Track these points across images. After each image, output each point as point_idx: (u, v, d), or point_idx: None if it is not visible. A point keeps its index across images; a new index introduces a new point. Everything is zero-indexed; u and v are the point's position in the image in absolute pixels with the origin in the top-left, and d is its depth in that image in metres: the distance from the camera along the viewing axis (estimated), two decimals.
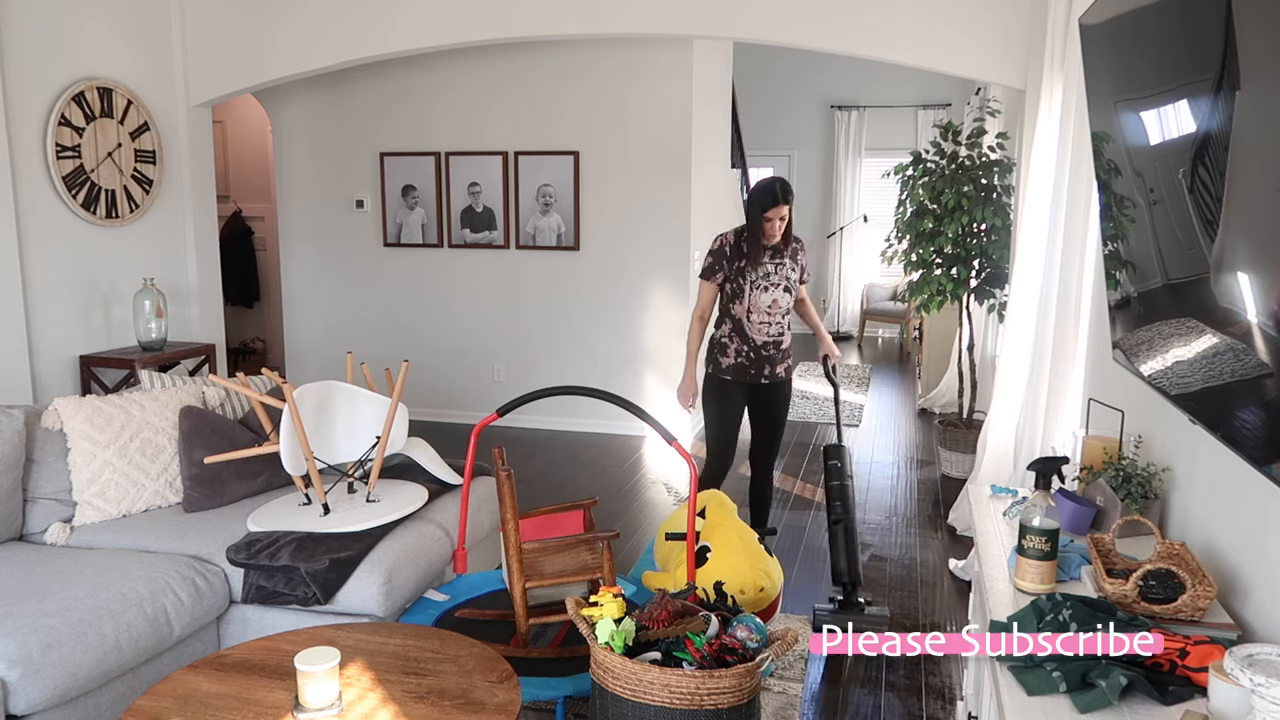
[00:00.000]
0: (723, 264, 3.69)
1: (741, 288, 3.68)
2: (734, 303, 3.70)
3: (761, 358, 3.73)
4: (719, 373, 3.76)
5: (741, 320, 3.70)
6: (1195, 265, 1.78)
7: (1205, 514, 2.08)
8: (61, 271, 4.32)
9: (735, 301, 3.70)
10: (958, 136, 5.12)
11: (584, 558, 2.79)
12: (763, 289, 3.68)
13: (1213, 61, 1.62)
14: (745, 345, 3.71)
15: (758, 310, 3.68)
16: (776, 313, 3.71)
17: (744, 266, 3.66)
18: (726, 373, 3.75)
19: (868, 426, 6.77)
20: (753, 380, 3.74)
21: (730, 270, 3.68)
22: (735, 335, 3.71)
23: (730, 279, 3.69)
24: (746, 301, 3.68)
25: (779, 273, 3.69)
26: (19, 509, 3.05)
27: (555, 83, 6.12)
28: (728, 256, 3.68)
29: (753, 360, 3.72)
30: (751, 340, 3.70)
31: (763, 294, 3.68)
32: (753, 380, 3.74)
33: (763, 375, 3.75)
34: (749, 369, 3.73)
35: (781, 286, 3.71)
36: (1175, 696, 1.53)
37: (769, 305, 3.69)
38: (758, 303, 3.68)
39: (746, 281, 3.67)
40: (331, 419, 3.22)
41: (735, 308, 3.70)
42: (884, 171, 5.95)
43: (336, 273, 6.74)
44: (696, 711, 2.06)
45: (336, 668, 1.97)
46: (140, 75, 4.72)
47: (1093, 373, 3.31)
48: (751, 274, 3.67)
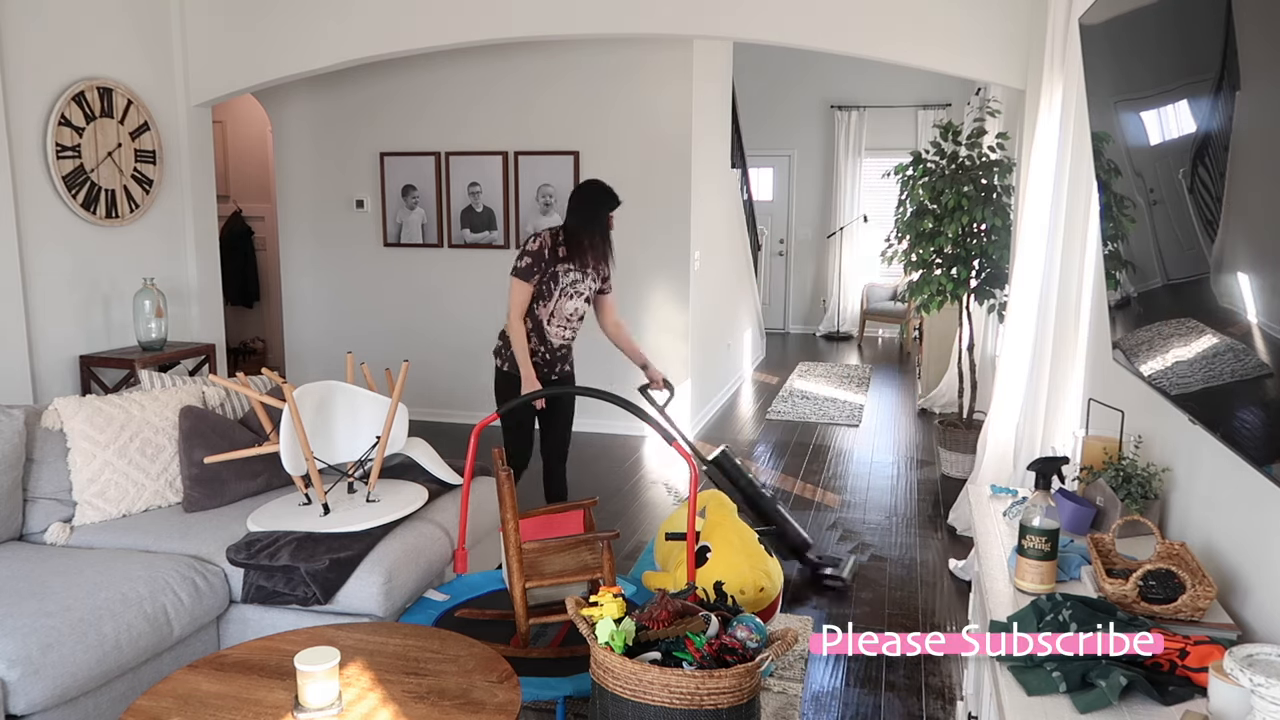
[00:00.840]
0: (541, 265, 3.69)
1: (551, 291, 3.71)
2: (538, 304, 3.72)
3: (555, 358, 3.85)
4: (514, 369, 3.77)
5: (543, 322, 3.75)
6: (1195, 265, 1.78)
7: (1205, 514, 2.08)
8: (61, 271, 4.32)
9: (540, 303, 3.72)
10: (958, 136, 5.12)
11: (584, 558, 2.79)
12: (569, 296, 3.75)
13: (1213, 61, 1.62)
14: (543, 346, 3.79)
15: (559, 316, 3.76)
16: (575, 318, 3.82)
17: (557, 270, 3.69)
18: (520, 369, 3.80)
19: (868, 426, 6.77)
20: (544, 378, 3.80)
21: (545, 273, 3.69)
22: (534, 335, 3.76)
23: (544, 281, 3.70)
24: (552, 305, 3.73)
25: (585, 281, 3.77)
26: (19, 509, 3.05)
27: (555, 83, 6.13)
28: (546, 259, 3.69)
29: (547, 360, 3.82)
30: (550, 342, 3.79)
31: (569, 301, 3.75)
32: (544, 378, 3.80)
33: (554, 373, 3.85)
34: (542, 367, 3.80)
35: (584, 296, 3.80)
36: (1175, 696, 1.53)
37: (571, 313, 3.79)
38: (561, 309, 3.75)
39: (557, 287, 3.71)
40: (331, 419, 3.22)
41: (539, 309, 3.72)
42: (884, 171, 5.95)
43: (336, 273, 6.74)
44: (696, 711, 2.06)
45: (336, 668, 1.97)
46: (140, 75, 4.72)
47: (1093, 373, 3.31)
48: (564, 279, 3.71)
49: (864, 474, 5.60)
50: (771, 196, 11.07)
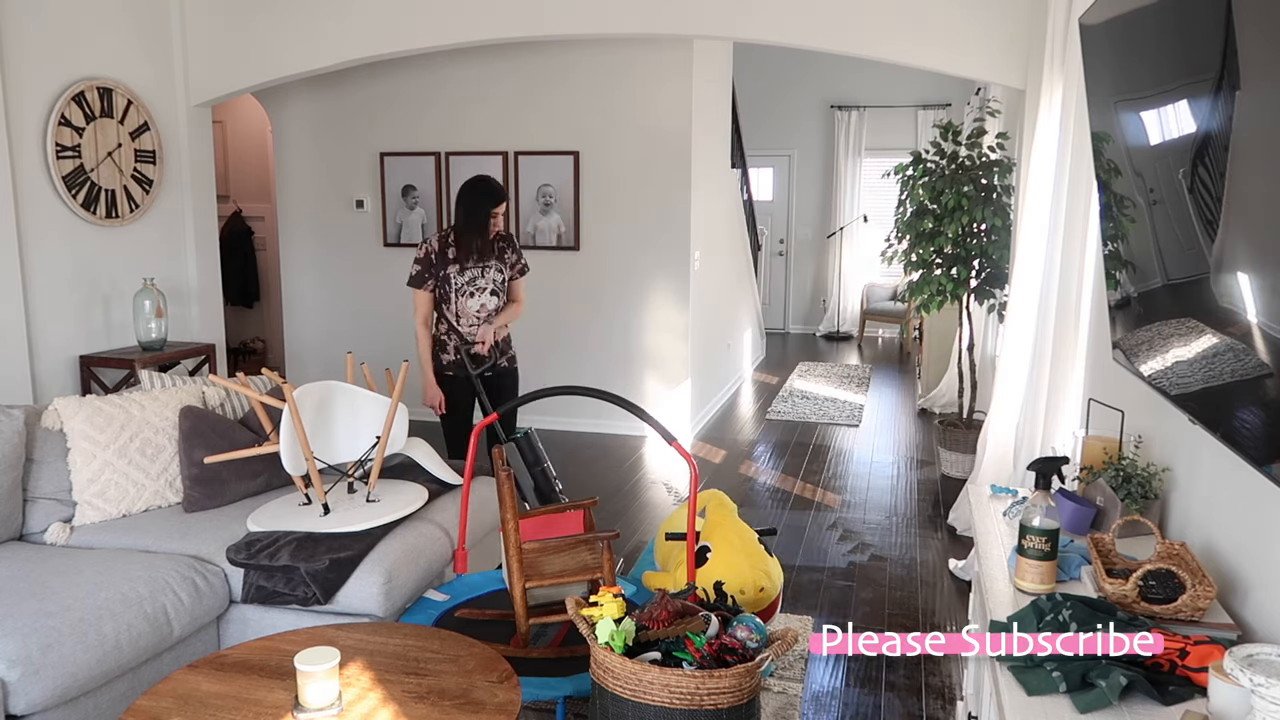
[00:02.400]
0: (431, 271, 3.83)
1: (448, 294, 3.84)
2: (444, 306, 3.86)
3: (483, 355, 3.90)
4: (440, 369, 3.90)
5: (453, 323, 3.87)
6: (1195, 265, 1.78)
7: (1205, 514, 2.08)
8: (61, 271, 4.32)
9: (444, 306, 3.86)
10: (958, 136, 5.12)
11: (584, 558, 2.79)
12: (469, 294, 3.84)
13: (1212, 61, 1.62)
14: (463, 343, 3.88)
15: (466, 315, 3.87)
16: (483, 314, 3.88)
17: (449, 273, 3.81)
18: (449, 369, 3.92)
19: (868, 426, 6.77)
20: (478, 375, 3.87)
21: (438, 277, 3.83)
22: (452, 334, 3.87)
23: (439, 285, 3.83)
24: (454, 306, 3.85)
25: (485, 276, 3.86)
26: (19, 509, 3.06)
27: (555, 83, 6.12)
28: (434, 264, 3.82)
29: (473, 357, 3.87)
30: (468, 341, 3.88)
31: (469, 299, 3.85)
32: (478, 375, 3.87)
33: (488, 368, 3.90)
34: (472, 364, 3.87)
35: (489, 290, 3.87)
36: (1175, 696, 1.54)
37: (477, 309, 3.87)
38: (465, 308, 3.86)
39: (453, 288, 3.83)
40: (331, 419, 3.22)
41: (446, 311, 3.87)
42: (884, 171, 5.95)
43: (336, 273, 6.74)
44: (696, 711, 2.06)
45: (336, 668, 1.97)
46: (140, 75, 4.72)
47: (1093, 373, 3.31)
48: (458, 279, 3.83)
49: (864, 474, 5.60)
50: (771, 196, 11.07)
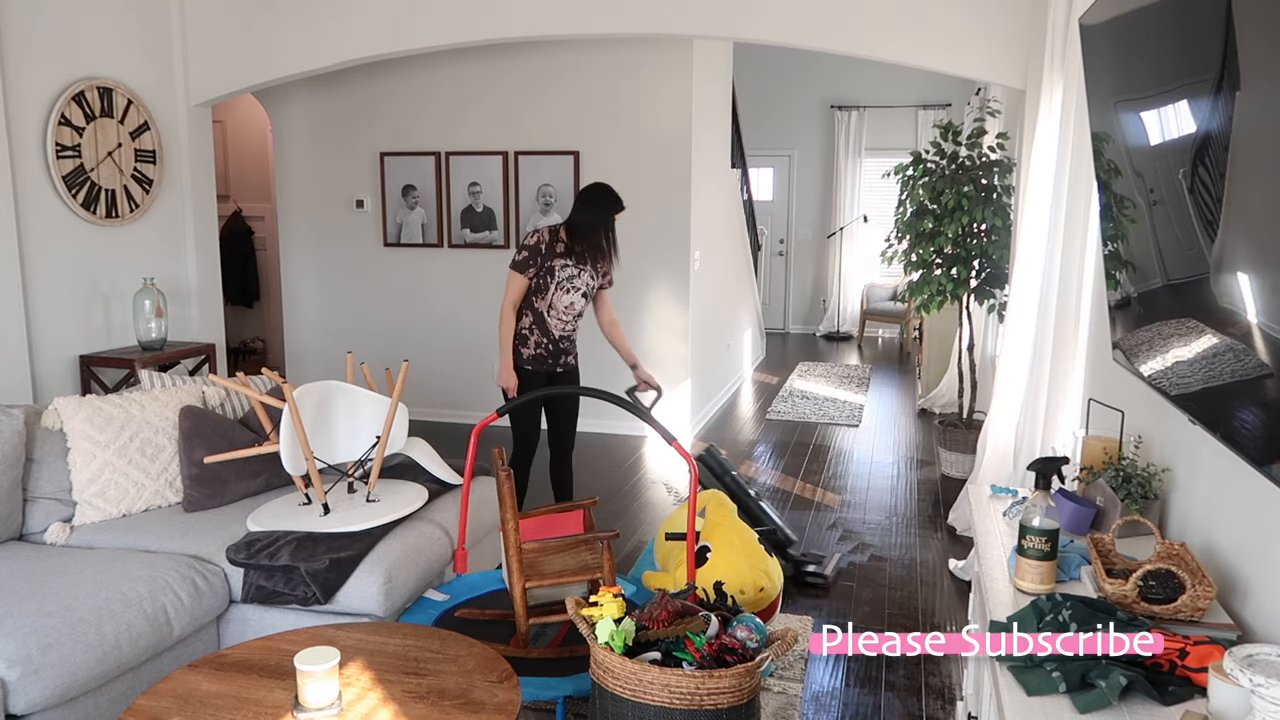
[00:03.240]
0: (537, 260, 3.86)
1: (547, 285, 3.88)
2: (536, 297, 3.90)
3: (559, 349, 3.98)
4: (520, 363, 3.94)
5: (543, 314, 3.92)
6: (1195, 265, 1.78)
7: (1205, 514, 2.08)
8: (61, 271, 4.32)
9: (538, 297, 3.90)
10: (958, 137, 5.12)
11: (584, 558, 2.79)
12: (565, 290, 3.90)
13: (1212, 61, 1.62)
14: (545, 338, 3.94)
15: (556, 310, 3.92)
16: (572, 313, 3.97)
17: (554, 265, 3.87)
18: (527, 363, 3.95)
19: (868, 426, 6.78)
20: (549, 369, 3.98)
21: (542, 267, 3.86)
22: (536, 328, 3.92)
23: (539, 275, 3.87)
24: (549, 298, 3.90)
25: (581, 278, 3.93)
26: (19, 509, 3.05)
27: (555, 83, 6.12)
28: (542, 254, 3.86)
29: (550, 351, 3.96)
30: (551, 334, 3.94)
31: (564, 295, 3.91)
32: (549, 369, 3.98)
33: (558, 364, 4.00)
34: (547, 359, 3.96)
35: (581, 291, 3.95)
36: (1175, 697, 1.53)
37: (566, 306, 3.93)
38: (558, 302, 3.91)
39: (554, 280, 3.88)
40: (331, 419, 3.22)
41: (538, 302, 3.90)
42: (884, 172, 5.95)
43: (336, 273, 6.74)
44: (696, 711, 2.06)
45: (336, 667, 1.97)
46: (140, 75, 4.72)
47: (1093, 373, 3.31)
48: (560, 274, 3.89)
49: (864, 474, 5.60)
50: (771, 196, 11.07)
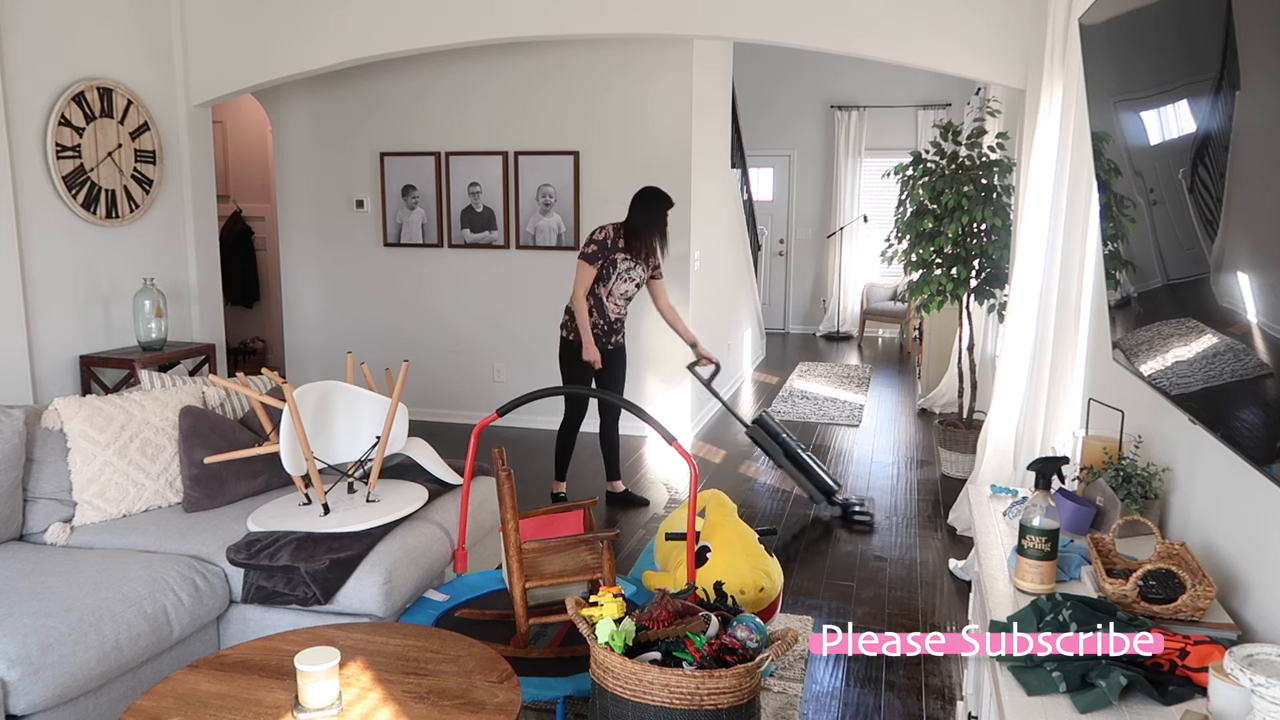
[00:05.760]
0: (604, 253, 4.54)
1: (609, 275, 4.58)
2: (599, 284, 4.59)
3: (612, 329, 4.71)
4: (577, 339, 4.58)
5: (603, 299, 4.62)
6: (1195, 265, 1.78)
7: (1205, 514, 2.08)
8: (61, 271, 4.32)
9: (600, 284, 4.59)
10: (958, 136, 5.12)
11: (584, 558, 2.79)
12: (623, 279, 4.62)
13: (1212, 61, 1.62)
14: (602, 319, 4.65)
15: (614, 296, 4.64)
16: (625, 299, 4.71)
17: (616, 258, 4.54)
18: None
19: (868, 426, 6.77)
20: (602, 345, 4.64)
21: (607, 259, 4.54)
22: (595, 310, 4.62)
23: (605, 265, 4.54)
24: (610, 285, 4.60)
25: (635, 270, 4.64)
26: (19, 509, 3.05)
27: (555, 83, 6.12)
28: (608, 248, 4.55)
29: (605, 331, 4.67)
30: (608, 316, 4.66)
31: (622, 283, 4.63)
32: (602, 345, 4.64)
33: (609, 342, 4.70)
34: (601, 338, 4.65)
35: (634, 282, 4.67)
36: (1175, 696, 1.54)
37: (622, 293, 4.67)
38: (616, 289, 4.62)
39: (615, 271, 4.58)
40: (331, 419, 3.22)
41: (599, 289, 4.60)
42: (884, 171, 5.95)
43: (336, 272, 6.74)
44: (696, 711, 2.06)
45: (336, 668, 1.97)
46: (140, 75, 4.72)
47: (1093, 373, 3.31)
48: (621, 265, 4.57)
49: (864, 474, 5.60)
50: (771, 196, 11.06)
